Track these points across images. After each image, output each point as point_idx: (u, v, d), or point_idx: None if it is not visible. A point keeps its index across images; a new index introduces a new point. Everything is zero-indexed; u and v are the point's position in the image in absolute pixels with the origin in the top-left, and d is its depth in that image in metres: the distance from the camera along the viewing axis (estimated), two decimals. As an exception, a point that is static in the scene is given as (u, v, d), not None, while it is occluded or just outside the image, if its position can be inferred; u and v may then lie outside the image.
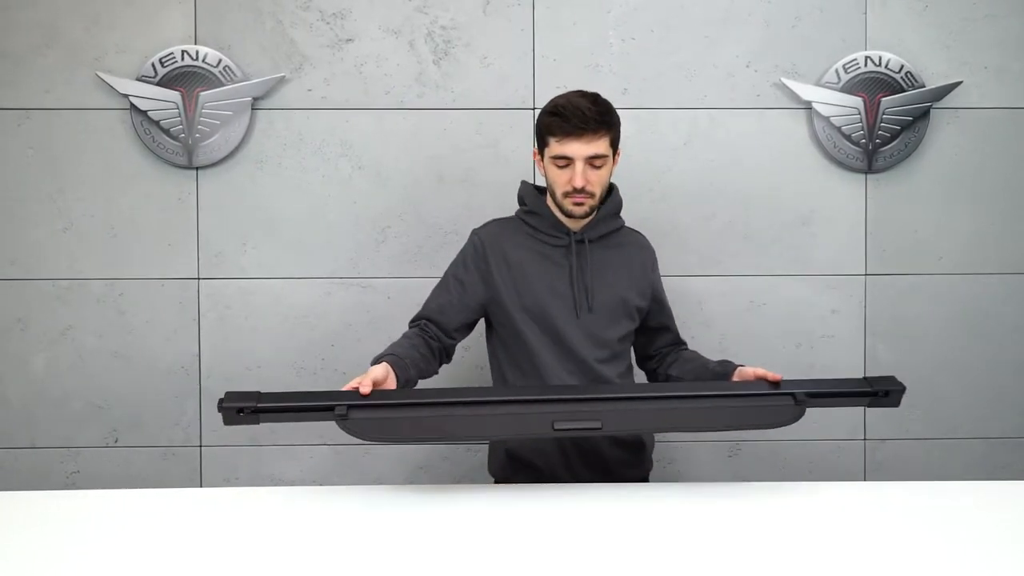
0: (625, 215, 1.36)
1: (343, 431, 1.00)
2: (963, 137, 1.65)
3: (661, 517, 0.99)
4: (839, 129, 1.63)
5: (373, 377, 1.05)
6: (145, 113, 1.60)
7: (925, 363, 1.67)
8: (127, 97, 1.60)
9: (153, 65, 1.60)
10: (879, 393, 1.10)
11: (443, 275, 1.30)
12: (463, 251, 1.30)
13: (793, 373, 1.66)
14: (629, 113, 1.63)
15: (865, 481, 1.64)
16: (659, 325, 1.34)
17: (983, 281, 1.67)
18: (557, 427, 1.01)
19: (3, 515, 0.99)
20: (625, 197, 1.37)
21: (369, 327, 1.64)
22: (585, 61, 1.63)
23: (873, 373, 1.68)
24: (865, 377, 1.14)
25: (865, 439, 1.69)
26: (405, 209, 1.64)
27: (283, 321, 1.64)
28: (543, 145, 1.23)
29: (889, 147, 1.64)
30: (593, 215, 1.27)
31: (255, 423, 1.02)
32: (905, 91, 1.63)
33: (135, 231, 1.63)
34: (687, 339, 1.57)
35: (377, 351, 1.64)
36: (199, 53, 1.60)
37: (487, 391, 1.19)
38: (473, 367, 1.61)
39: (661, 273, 1.40)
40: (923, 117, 1.64)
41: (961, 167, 1.66)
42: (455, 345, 1.30)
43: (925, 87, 1.63)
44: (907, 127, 1.64)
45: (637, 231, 1.36)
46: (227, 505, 1.04)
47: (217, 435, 1.65)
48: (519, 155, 1.62)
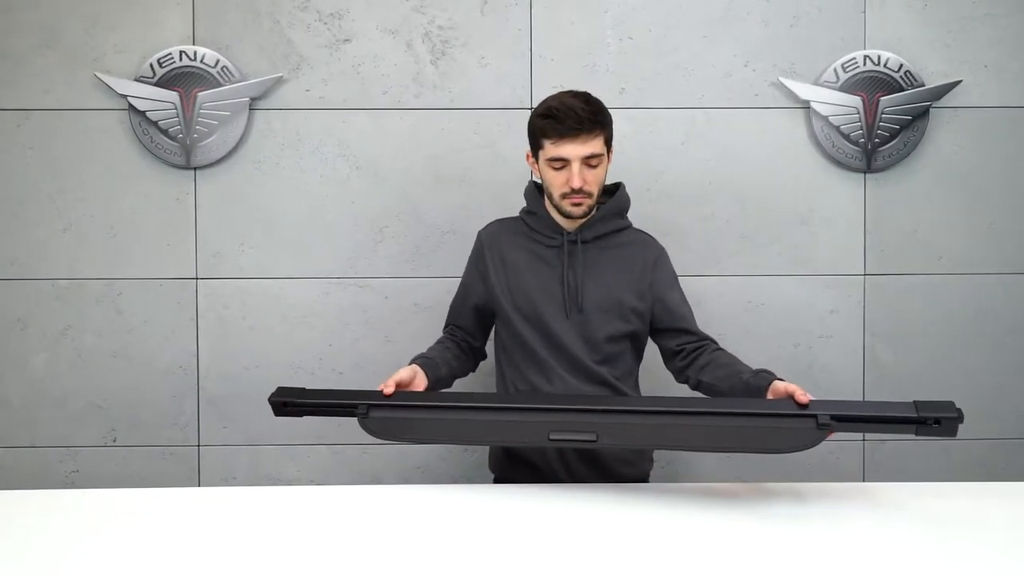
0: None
1: (364, 430, 1.09)
2: (963, 136, 1.66)
3: (660, 518, 0.99)
4: (838, 128, 1.64)
5: (398, 379, 1.14)
6: (143, 113, 1.62)
7: (924, 363, 1.68)
8: (126, 98, 1.62)
9: (151, 66, 1.62)
10: (928, 421, 0.94)
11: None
12: (471, 252, 1.37)
13: (791, 373, 1.68)
14: (626, 113, 1.65)
15: (864, 482, 1.65)
16: (672, 327, 1.28)
17: (983, 281, 1.68)
18: (552, 437, 1.03)
19: (3, 514, 1.01)
20: (622, 197, 1.38)
21: (366, 327, 1.66)
22: (582, 61, 1.64)
23: (872, 373, 1.69)
24: (914, 401, 0.98)
25: (864, 440, 1.70)
26: (403, 209, 1.66)
27: (281, 321, 1.66)
28: (537, 147, 1.24)
29: (888, 146, 1.65)
30: (590, 215, 1.28)
31: (299, 416, 1.13)
32: (904, 90, 1.64)
33: (134, 231, 1.65)
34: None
35: (374, 351, 1.69)
36: (197, 54, 1.62)
37: (492, 397, 1.21)
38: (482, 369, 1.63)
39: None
40: (922, 116, 1.64)
41: (961, 166, 1.67)
42: (482, 346, 1.37)
43: (924, 86, 1.64)
44: (906, 126, 1.64)
45: (644, 232, 1.35)
46: (225, 504, 1.06)
47: (215, 435, 1.67)
48: (517, 155, 1.63)
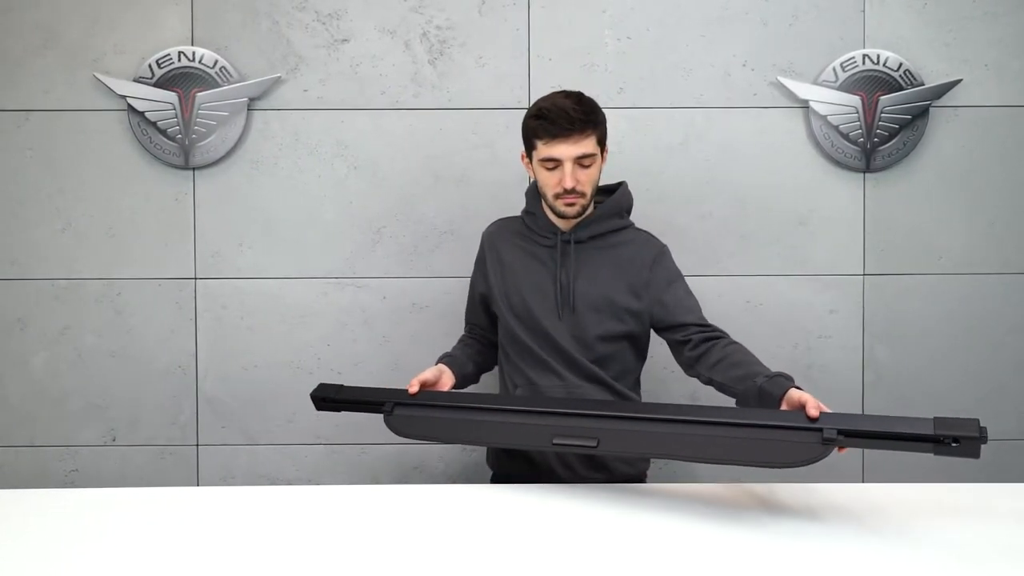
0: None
1: (388, 427, 1.18)
2: (963, 135, 1.67)
3: (657, 518, 1.00)
4: (837, 128, 1.65)
5: (422, 378, 1.22)
6: (142, 114, 1.64)
7: (924, 364, 1.69)
8: (125, 98, 1.64)
9: (150, 66, 1.64)
10: (946, 440, 0.88)
11: None
12: (477, 252, 1.41)
13: (790, 374, 1.69)
14: (625, 112, 1.66)
15: (863, 483, 1.66)
16: (673, 323, 1.26)
17: (982, 281, 1.69)
18: (555, 442, 1.07)
19: (3, 513, 1.03)
20: (621, 197, 1.39)
21: (364, 327, 1.68)
22: (581, 60, 1.66)
23: (871, 374, 1.70)
24: (934, 417, 0.91)
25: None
26: (400, 209, 1.67)
27: (279, 321, 1.68)
28: (530, 148, 1.26)
29: (888, 146, 1.66)
30: (585, 215, 1.29)
31: (337, 410, 1.25)
32: (904, 89, 1.64)
33: (133, 231, 1.67)
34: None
35: (372, 351, 1.71)
36: (196, 54, 1.64)
37: (500, 399, 1.23)
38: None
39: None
40: (922, 115, 1.65)
41: (961, 166, 1.67)
42: (495, 340, 1.40)
43: (924, 85, 1.65)
44: (906, 126, 1.65)
45: (645, 231, 1.35)
46: (223, 504, 1.07)
47: (214, 434, 1.69)
48: (515, 155, 1.64)
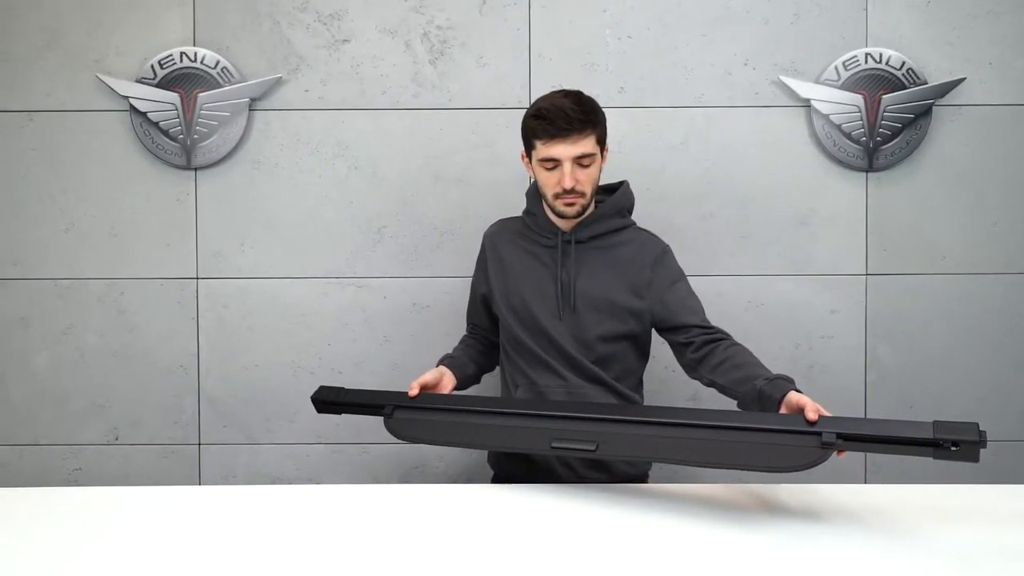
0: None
1: (387, 430, 1.20)
2: (966, 134, 1.67)
3: (659, 519, 1.00)
4: (839, 127, 1.66)
5: (423, 381, 1.23)
6: (144, 114, 1.66)
7: (927, 364, 1.69)
8: (127, 99, 1.66)
9: (152, 67, 1.66)
10: (944, 444, 0.89)
11: None
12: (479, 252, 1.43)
13: (792, 374, 1.69)
14: (625, 112, 1.67)
15: (865, 484, 1.67)
16: (675, 324, 1.26)
17: (986, 281, 1.69)
18: (554, 445, 1.08)
19: (8, 511, 1.05)
20: (621, 197, 1.40)
21: (365, 326, 1.69)
22: (581, 60, 1.67)
23: (874, 374, 1.70)
24: (933, 421, 0.93)
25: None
26: (401, 209, 1.69)
27: (280, 320, 1.69)
28: (529, 148, 1.27)
29: (890, 145, 1.66)
30: (585, 214, 1.30)
31: (338, 413, 1.27)
32: (906, 88, 1.65)
33: (135, 231, 1.69)
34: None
35: (373, 350, 1.72)
36: (197, 55, 1.66)
37: (500, 402, 1.24)
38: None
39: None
40: (925, 114, 1.66)
41: (964, 165, 1.68)
42: (496, 339, 1.42)
43: (927, 84, 1.65)
44: (909, 125, 1.66)
45: (647, 231, 1.36)
46: (225, 503, 1.09)
47: (215, 434, 1.70)
48: (515, 155, 1.66)
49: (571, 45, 1.67)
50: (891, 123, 1.66)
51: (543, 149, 1.22)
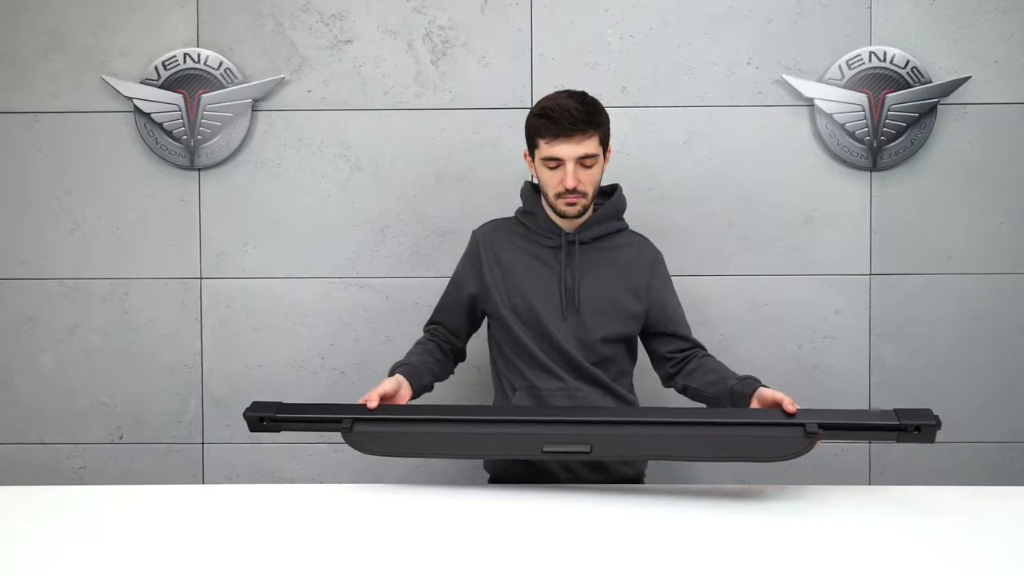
0: (625, 215, 1.40)
1: (348, 444, 1.10)
2: (971, 133, 1.67)
3: (656, 520, 1.00)
4: (842, 126, 1.66)
5: (382, 391, 1.14)
6: (148, 115, 1.68)
7: (933, 365, 1.69)
8: (131, 100, 1.69)
9: (156, 68, 1.68)
10: (908, 428, 1.02)
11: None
12: (464, 252, 1.41)
13: (795, 375, 1.71)
14: (627, 112, 1.68)
15: (870, 485, 1.67)
16: (666, 331, 1.32)
17: (992, 281, 1.69)
18: (546, 450, 1.04)
19: (14, 509, 1.07)
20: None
21: (367, 326, 1.71)
22: (583, 60, 1.68)
23: (878, 375, 1.70)
24: (894, 409, 1.05)
25: (870, 442, 1.71)
26: (403, 209, 1.70)
27: (283, 320, 1.71)
28: (533, 147, 1.29)
29: (895, 144, 1.66)
30: (587, 215, 1.31)
31: (276, 431, 1.11)
32: (911, 87, 1.65)
33: (139, 232, 1.71)
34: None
35: (376, 350, 1.73)
36: (201, 56, 1.68)
37: (483, 410, 1.23)
38: (471, 367, 1.67)
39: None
40: (930, 113, 1.66)
41: (969, 164, 1.68)
42: (463, 346, 1.41)
43: (932, 83, 1.65)
44: (913, 123, 1.66)
45: (642, 235, 1.39)
46: (228, 502, 1.10)
47: (218, 433, 1.73)
48: (517, 154, 1.67)
49: (573, 45, 1.68)
50: (895, 122, 1.66)
51: (546, 148, 1.24)
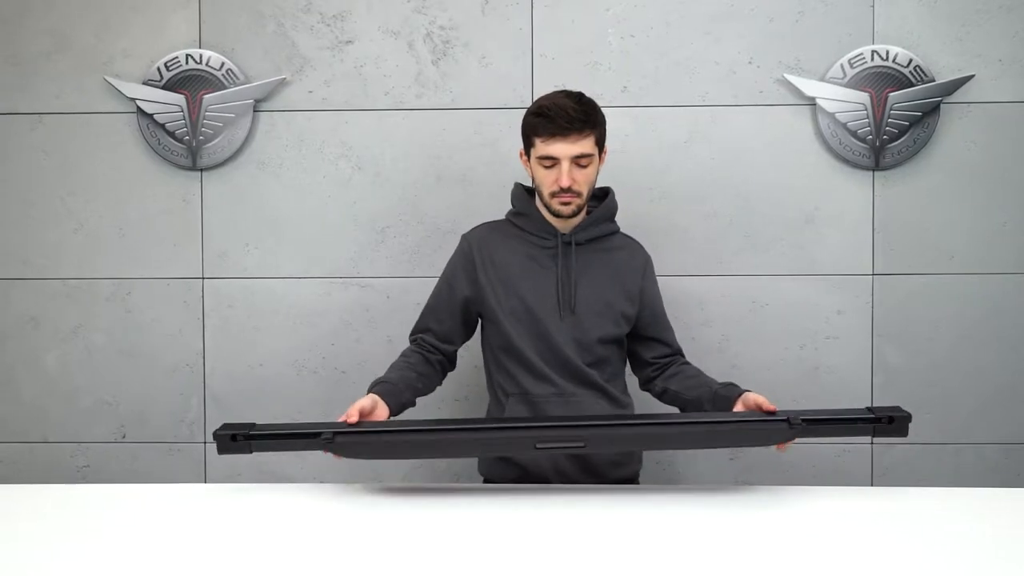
0: (624, 215, 1.42)
1: (332, 452, 1.08)
2: (975, 132, 1.67)
3: (653, 521, 1.01)
4: (844, 125, 1.66)
5: (359, 407, 1.13)
6: (151, 116, 1.70)
7: (936, 365, 1.70)
8: (134, 101, 1.71)
9: (159, 69, 1.70)
10: (883, 420, 1.10)
11: (436, 283, 1.40)
12: (452, 256, 1.40)
13: (797, 375, 1.71)
14: (629, 111, 1.69)
15: (872, 487, 1.67)
16: (654, 336, 1.36)
17: (996, 281, 1.69)
18: (539, 446, 1.07)
19: (17, 507, 1.09)
20: (624, 196, 1.43)
21: (368, 326, 1.73)
22: (584, 59, 1.69)
23: (880, 375, 1.71)
24: (868, 407, 1.14)
25: (872, 443, 1.72)
26: (404, 209, 1.72)
27: (284, 320, 1.73)
28: (529, 146, 1.30)
29: (897, 143, 1.67)
30: (581, 215, 1.33)
31: (248, 452, 1.10)
32: (914, 86, 1.65)
33: (142, 232, 1.74)
34: (688, 340, 1.62)
35: (376, 350, 1.74)
36: (203, 57, 1.70)
37: (473, 421, 1.26)
38: (471, 367, 1.68)
39: (662, 273, 1.46)
40: (933, 112, 1.66)
41: (972, 163, 1.68)
42: (455, 351, 1.39)
43: (935, 81, 1.65)
44: (916, 122, 1.66)
45: (633, 239, 1.41)
46: (230, 500, 1.12)
47: (221, 432, 1.74)
48: (517, 155, 1.67)
49: (574, 44, 1.69)
50: (898, 121, 1.66)
51: (542, 147, 1.25)
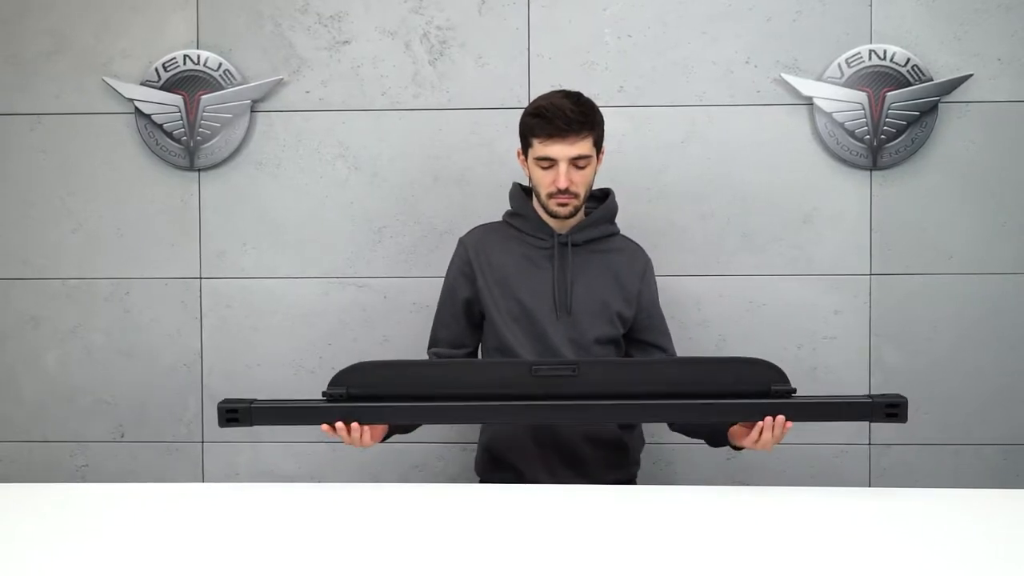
0: (621, 215, 1.43)
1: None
2: (973, 131, 1.68)
3: (650, 521, 1.01)
4: (842, 125, 1.67)
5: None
6: (149, 117, 1.72)
7: (934, 366, 1.71)
8: (132, 101, 1.72)
9: (157, 70, 1.72)
10: (878, 404, 1.12)
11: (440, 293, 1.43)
12: (451, 262, 1.42)
13: (794, 375, 1.70)
14: (625, 111, 1.70)
15: (870, 488, 1.68)
16: (649, 341, 1.37)
17: (994, 281, 1.69)
18: (535, 372, 1.09)
19: (16, 506, 1.10)
20: (621, 196, 1.45)
21: (365, 326, 1.75)
22: (581, 59, 1.70)
23: (878, 375, 1.72)
24: (868, 394, 1.16)
25: (870, 444, 1.73)
26: (401, 209, 1.73)
27: (282, 320, 1.75)
28: (526, 146, 1.32)
29: (895, 143, 1.68)
30: (579, 216, 1.34)
31: (248, 424, 1.14)
32: (911, 85, 1.66)
33: (140, 232, 1.76)
34: (685, 340, 1.64)
35: (373, 350, 1.76)
36: (200, 57, 1.72)
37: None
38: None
39: (659, 273, 1.47)
40: (931, 111, 1.67)
41: (971, 162, 1.69)
42: (469, 352, 1.40)
43: (933, 81, 1.66)
44: (914, 122, 1.67)
45: (633, 241, 1.42)
46: (228, 500, 1.13)
47: (218, 431, 1.76)
48: (514, 155, 1.69)
49: (571, 44, 1.70)
50: (896, 121, 1.67)
51: (540, 148, 1.27)
